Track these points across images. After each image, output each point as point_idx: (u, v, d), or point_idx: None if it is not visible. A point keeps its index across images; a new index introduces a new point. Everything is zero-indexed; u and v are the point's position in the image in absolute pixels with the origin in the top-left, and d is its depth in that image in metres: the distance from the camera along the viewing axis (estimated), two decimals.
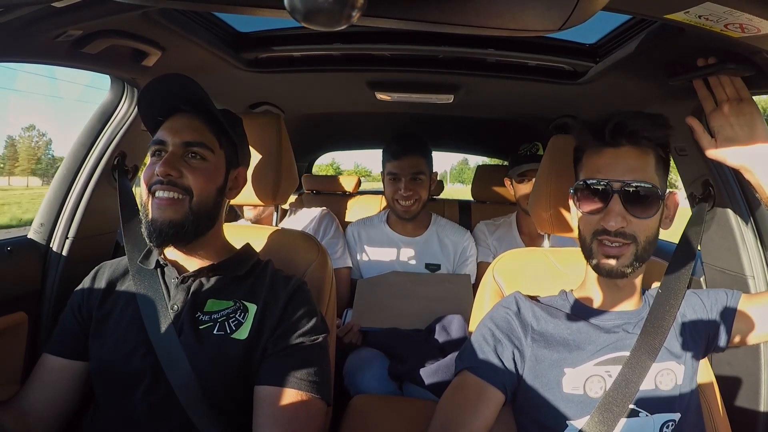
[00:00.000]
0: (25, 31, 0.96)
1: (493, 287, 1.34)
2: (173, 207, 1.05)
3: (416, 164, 2.12)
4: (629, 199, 1.00)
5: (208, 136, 1.12)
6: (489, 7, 0.61)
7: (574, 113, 2.12)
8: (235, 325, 1.07)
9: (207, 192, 1.10)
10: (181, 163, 1.07)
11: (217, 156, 1.13)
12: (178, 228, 1.06)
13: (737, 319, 1.10)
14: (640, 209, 1.01)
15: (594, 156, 1.07)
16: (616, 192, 1.01)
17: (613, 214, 1.00)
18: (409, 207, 2.13)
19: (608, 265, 1.03)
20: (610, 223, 1.00)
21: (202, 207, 1.09)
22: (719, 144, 1.06)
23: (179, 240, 1.09)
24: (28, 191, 48.87)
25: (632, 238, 1.01)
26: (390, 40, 1.45)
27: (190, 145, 1.09)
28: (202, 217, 1.10)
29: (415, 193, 2.11)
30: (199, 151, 1.10)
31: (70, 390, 1.11)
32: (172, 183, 1.05)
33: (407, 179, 2.11)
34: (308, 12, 0.50)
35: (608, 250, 1.03)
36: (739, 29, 0.83)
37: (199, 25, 1.30)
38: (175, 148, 1.08)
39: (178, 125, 1.11)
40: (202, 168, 1.10)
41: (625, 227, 1.01)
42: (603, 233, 1.03)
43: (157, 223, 1.05)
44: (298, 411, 1.00)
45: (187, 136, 1.09)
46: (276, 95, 2.16)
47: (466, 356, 1.10)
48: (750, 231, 1.35)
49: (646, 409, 1.01)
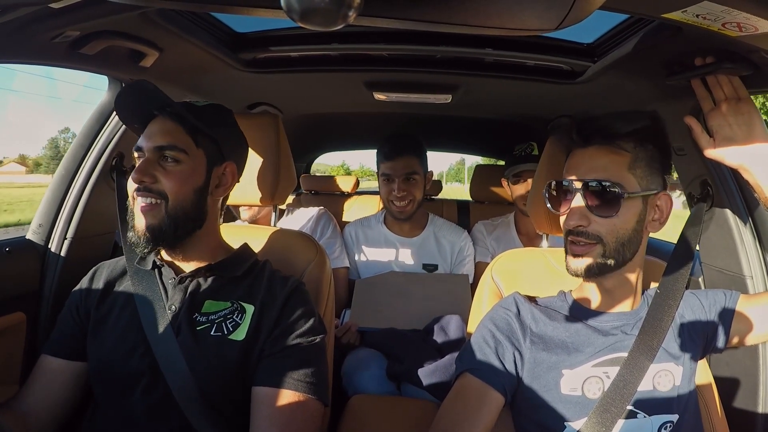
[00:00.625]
0: (23, 32, 0.96)
1: (492, 287, 1.34)
2: (151, 212, 1.05)
3: (409, 164, 2.12)
4: (591, 198, 1.01)
5: (182, 137, 1.10)
6: (486, 6, 0.61)
7: (572, 113, 2.12)
8: (232, 327, 1.07)
9: (183, 194, 1.08)
10: (156, 168, 1.07)
11: (192, 156, 1.11)
12: (156, 233, 1.05)
13: (736, 319, 1.10)
14: (601, 208, 1.01)
15: (570, 157, 1.09)
16: (577, 191, 1.02)
17: (573, 212, 1.03)
18: (404, 207, 2.13)
19: (573, 265, 1.05)
20: (570, 222, 1.03)
21: (179, 210, 1.08)
22: (717, 143, 1.05)
23: (158, 243, 1.08)
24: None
25: (597, 238, 1.02)
26: (387, 40, 1.44)
27: (162, 149, 1.08)
28: (181, 219, 1.08)
29: (409, 193, 2.12)
30: (171, 154, 1.08)
31: (70, 390, 1.11)
32: (147, 189, 1.05)
33: (401, 180, 2.11)
34: (305, 12, 0.50)
35: (574, 248, 1.04)
36: (737, 28, 0.83)
37: (196, 26, 1.29)
38: (150, 153, 1.08)
39: (151, 130, 1.11)
40: (176, 171, 1.08)
41: (587, 226, 1.02)
42: (570, 233, 1.05)
43: (136, 229, 1.06)
44: (295, 412, 1.00)
45: (159, 140, 1.08)
46: (274, 95, 2.16)
47: (466, 358, 1.10)
48: (748, 231, 1.35)
49: (644, 411, 1.01)
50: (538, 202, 1.37)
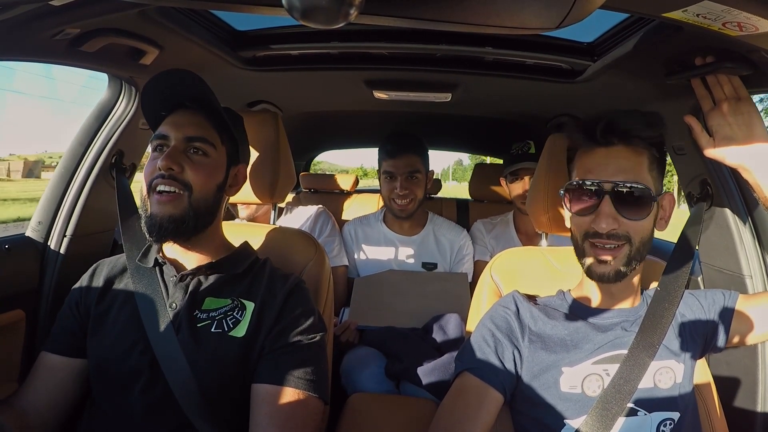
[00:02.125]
0: (23, 30, 0.96)
1: (491, 286, 1.34)
2: (173, 202, 1.05)
3: (412, 163, 2.12)
4: (620, 201, 1.00)
5: (211, 132, 1.12)
6: (487, 5, 0.61)
7: (572, 112, 2.13)
8: (232, 323, 1.07)
9: (207, 188, 1.10)
10: (183, 158, 1.07)
11: (218, 152, 1.13)
12: (178, 223, 1.06)
13: (735, 319, 1.10)
14: (632, 211, 1.00)
15: (586, 156, 1.07)
16: (606, 193, 1.00)
17: (604, 215, 0.99)
18: (406, 206, 2.13)
19: (600, 269, 1.03)
20: (601, 225, 1.00)
21: (201, 203, 1.09)
22: (717, 143, 1.05)
23: (179, 235, 1.08)
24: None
25: (626, 239, 1.01)
26: (388, 39, 1.44)
27: (192, 140, 1.09)
28: (202, 213, 1.10)
29: (411, 191, 2.12)
30: (201, 146, 1.10)
31: (70, 388, 1.11)
32: (173, 177, 1.05)
33: (403, 178, 2.11)
34: (306, 10, 0.50)
35: (600, 252, 1.02)
36: (737, 28, 0.83)
37: (196, 24, 1.29)
38: (178, 142, 1.08)
39: (180, 120, 1.11)
40: (204, 163, 1.10)
41: (617, 228, 1.00)
42: (595, 236, 1.02)
43: (156, 218, 1.05)
44: (295, 409, 1.00)
45: (190, 131, 1.10)
46: (274, 93, 2.16)
47: (466, 357, 1.10)
48: (748, 230, 1.35)
49: (644, 408, 1.01)
50: (538, 201, 1.37)
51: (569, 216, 1.10)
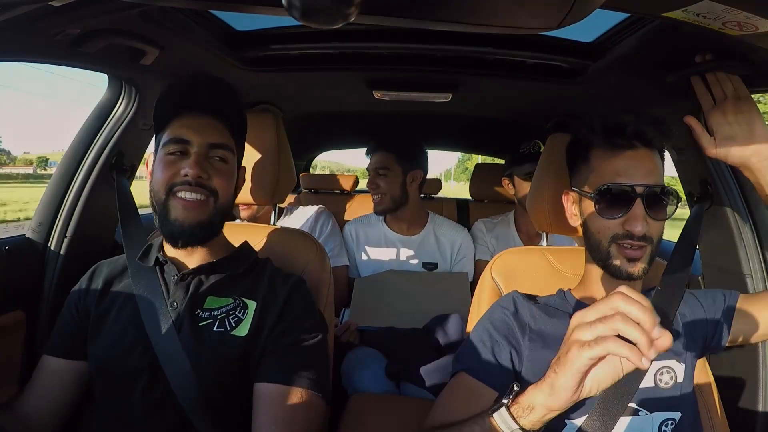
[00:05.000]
0: (23, 30, 0.96)
1: (491, 286, 1.34)
2: (200, 208, 1.06)
3: (380, 160, 2.19)
4: (650, 203, 1.00)
5: (229, 138, 1.14)
6: (487, 4, 0.61)
7: (573, 112, 2.12)
8: (234, 322, 1.07)
9: (229, 193, 1.13)
10: (207, 165, 1.08)
11: (234, 157, 1.15)
12: (207, 228, 1.08)
13: (736, 319, 1.10)
14: (659, 212, 1.01)
15: (610, 159, 1.04)
16: (639, 196, 0.99)
17: (639, 218, 0.99)
18: (378, 201, 2.20)
19: (631, 269, 1.02)
20: (637, 228, 0.99)
21: (225, 207, 1.11)
22: (718, 143, 1.05)
23: (207, 240, 1.11)
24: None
25: (649, 240, 1.01)
26: (388, 39, 1.44)
27: (215, 146, 1.09)
28: (224, 216, 1.13)
29: (378, 187, 2.17)
30: (223, 153, 1.11)
31: (71, 390, 1.11)
32: (201, 185, 1.06)
33: (373, 174, 2.19)
34: (306, 10, 0.50)
35: (631, 253, 1.01)
36: (737, 27, 0.83)
37: (197, 24, 1.29)
38: (201, 149, 1.08)
39: (200, 125, 1.10)
40: (225, 170, 1.11)
41: (648, 230, 1.00)
42: (626, 237, 1.01)
43: (184, 224, 1.05)
44: (297, 409, 1.00)
45: (213, 137, 1.10)
46: (274, 94, 2.16)
47: (463, 358, 1.09)
48: (748, 230, 1.35)
49: (646, 408, 1.01)
50: (539, 201, 1.37)
51: (585, 218, 1.09)
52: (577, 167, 1.13)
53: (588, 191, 1.06)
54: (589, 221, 1.08)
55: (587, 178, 1.08)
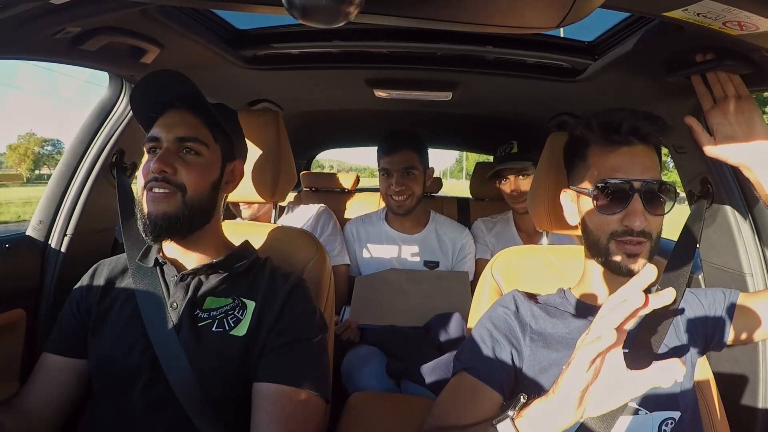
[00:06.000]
0: (24, 28, 0.96)
1: (492, 284, 1.34)
2: (166, 200, 1.05)
3: (407, 159, 2.13)
4: (648, 198, 1.00)
5: (203, 130, 1.12)
6: (487, 4, 0.61)
7: (573, 111, 2.12)
8: (233, 322, 1.07)
9: (201, 187, 1.10)
10: (176, 159, 1.07)
11: (212, 150, 1.13)
12: (172, 221, 1.05)
13: (736, 317, 1.10)
14: (657, 207, 1.01)
15: (607, 155, 1.05)
16: (637, 191, 1.00)
17: (638, 214, 0.99)
18: (402, 202, 2.14)
19: (632, 265, 1.02)
20: (636, 224, 0.99)
21: (196, 201, 1.08)
22: (718, 142, 1.05)
23: (174, 233, 1.08)
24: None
25: (648, 236, 1.01)
26: (388, 37, 1.44)
27: (184, 140, 1.09)
28: (197, 211, 1.09)
29: (408, 188, 2.13)
30: (194, 146, 1.09)
31: (71, 388, 1.11)
32: (167, 180, 1.05)
33: (399, 174, 2.12)
34: (306, 9, 0.50)
35: (631, 249, 1.01)
36: (738, 27, 0.83)
37: (197, 23, 1.29)
38: (169, 144, 1.08)
39: (171, 121, 1.11)
40: (197, 163, 1.09)
41: (646, 225, 1.01)
42: (625, 233, 1.01)
43: (151, 216, 1.05)
44: (296, 408, 1.00)
45: (181, 131, 1.09)
46: (274, 92, 2.16)
47: (463, 357, 1.09)
48: (748, 228, 1.35)
49: (646, 407, 1.01)
50: (539, 200, 1.37)
51: (583, 215, 1.09)
52: (574, 165, 1.13)
53: (586, 188, 1.07)
54: (587, 218, 1.08)
55: (585, 175, 1.09)
